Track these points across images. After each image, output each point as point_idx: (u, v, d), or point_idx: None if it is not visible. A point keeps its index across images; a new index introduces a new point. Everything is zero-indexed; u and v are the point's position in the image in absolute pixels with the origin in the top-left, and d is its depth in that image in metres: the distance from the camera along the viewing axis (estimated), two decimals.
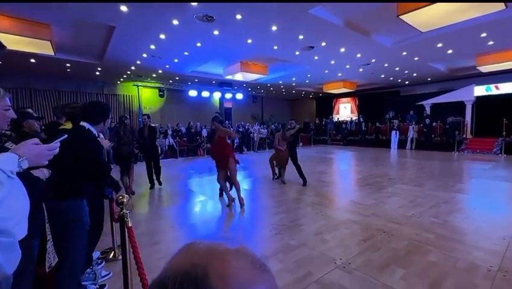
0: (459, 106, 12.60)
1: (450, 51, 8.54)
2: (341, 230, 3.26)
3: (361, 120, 16.28)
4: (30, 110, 2.45)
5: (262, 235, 3.26)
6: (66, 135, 1.24)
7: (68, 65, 9.05)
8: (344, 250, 2.73)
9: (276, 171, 6.35)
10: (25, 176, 1.09)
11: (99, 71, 10.15)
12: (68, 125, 2.31)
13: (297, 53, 8.45)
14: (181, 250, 0.31)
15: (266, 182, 6.14)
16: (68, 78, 11.31)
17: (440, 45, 7.91)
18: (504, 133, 10.51)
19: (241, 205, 4.23)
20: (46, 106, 11.17)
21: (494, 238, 2.93)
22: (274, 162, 6.22)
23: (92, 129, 1.87)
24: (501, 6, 4.75)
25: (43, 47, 6.18)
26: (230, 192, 4.48)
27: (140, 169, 6.29)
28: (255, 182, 6.35)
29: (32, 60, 8.21)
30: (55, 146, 1.14)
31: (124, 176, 4.89)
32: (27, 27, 5.51)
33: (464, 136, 12.19)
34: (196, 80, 12.51)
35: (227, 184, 4.47)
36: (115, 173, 4.66)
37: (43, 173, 1.36)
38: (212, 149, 4.66)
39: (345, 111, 19.01)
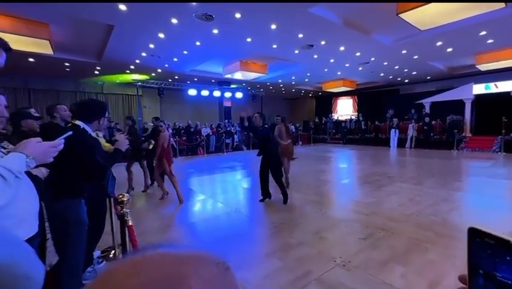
0: (459, 105, 12.62)
1: (449, 49, 8.54)
2: (341, 229, 3.27)
3: (361, 118, 16.27)
4: (33, 110, 2.44)
5: (261, 233, 3.26)
6: (71, 132, 1.25)
7: (67, 64, 9.03)
8: (344, 249, 2.73)
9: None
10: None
11: (98, 70, 10.12)
12: None
13: (296, 51, 8.44)
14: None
15: None
16: (67, 78, 11.27)
17: (439, 43, 7.91)
18: (503, 131, 10.53)
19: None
20: (45, 106, 11.12)
21: None
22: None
23: (87, 128, 1.84)
24: (501, 4, 4.75)
25: (42, 47, 6.17)
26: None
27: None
28: (254, 181, 6.35)
29: (31, 59, 8.18)
30: (59, 142, 1.15)
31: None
32: (26, 27, 5.50)
33: (464, 134, 12.21)
34: (196, 79, 12.48)
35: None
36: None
37: (41, 172, 1.36)
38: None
39: (344, 110, 19.00)
